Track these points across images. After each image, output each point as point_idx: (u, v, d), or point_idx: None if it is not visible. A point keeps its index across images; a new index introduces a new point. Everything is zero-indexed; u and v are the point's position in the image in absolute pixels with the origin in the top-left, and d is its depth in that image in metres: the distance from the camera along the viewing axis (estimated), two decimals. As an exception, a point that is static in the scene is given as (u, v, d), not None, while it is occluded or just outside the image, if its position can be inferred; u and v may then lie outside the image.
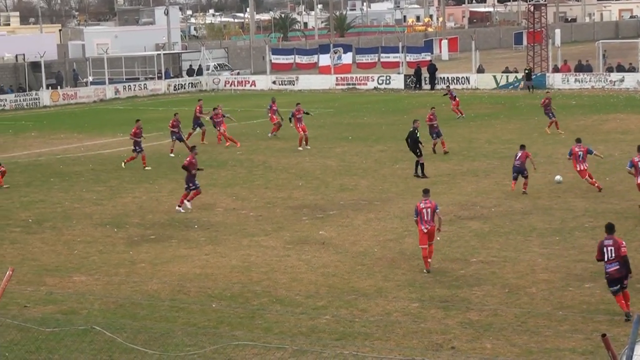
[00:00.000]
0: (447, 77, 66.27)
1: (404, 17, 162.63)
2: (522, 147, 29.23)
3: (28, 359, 15.18)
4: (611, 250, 16.82)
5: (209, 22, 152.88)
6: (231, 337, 16.00)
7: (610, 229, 17.24)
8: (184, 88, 72.76)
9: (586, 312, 17.16)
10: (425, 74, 66.44)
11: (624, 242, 17.03)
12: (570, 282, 19.17)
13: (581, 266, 20.31)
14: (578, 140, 28.89)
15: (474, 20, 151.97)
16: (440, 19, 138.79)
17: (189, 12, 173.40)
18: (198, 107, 42.29)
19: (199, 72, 76.79)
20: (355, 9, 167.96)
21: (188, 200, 27.72)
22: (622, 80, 60.87)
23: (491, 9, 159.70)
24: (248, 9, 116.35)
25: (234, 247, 23.11)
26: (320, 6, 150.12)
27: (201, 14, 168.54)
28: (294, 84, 71.19)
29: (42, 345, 15.62)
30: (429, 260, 20.47)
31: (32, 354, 15.32)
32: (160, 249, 23.18)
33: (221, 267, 21.32)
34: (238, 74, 78.39)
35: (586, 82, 61.82)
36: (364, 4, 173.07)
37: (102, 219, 26.83)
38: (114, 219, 26.71)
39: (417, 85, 66.24)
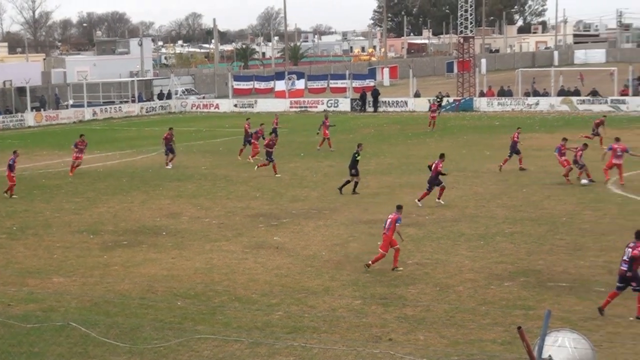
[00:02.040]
0: (389, 101, 66.65)
1: (351, 47, 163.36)
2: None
3: (11, 351, 14.93)
4: (628, 252, 16.43)
5: (178, 52, 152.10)
6: (194, 331, 15.89)
7: (639, 235, 16.67)
8: (155, 110, 72.27)
9: (505, 307, 17.22)
10: (369, 98, 66.69)
11: None
12: (492, 281, 19.26)
13: (501, 267, 20.44)
14: (617, 139, 30.97)
15: (412, 51, 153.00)
16: (383, 50, 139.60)
17: (160, 43, 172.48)
18: (247, 125, 42.14)
19: (169, 96, 76.37)
20: (307, 41, 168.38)
21: (438, 198, 28.19)
22: (537, 104, 61.64)
23: (426, 41, 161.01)
24: (213, 41, 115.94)
25: (198, 251, 22.96)
26: (276, 38, 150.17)
27: (171, 44, 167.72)
28: (253, 107, 71.00)
29: (24, 339, 15.40)
30: (373, 263, 20.40)
31: (14, 347, 15.08)
32: (132, 253, 22.94)
33: (186, 269, 21.16)
34: (203, 97, 78.10)
35: (507, 105, 62.47)
36: (315, 36, 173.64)
37: (79, 226, 26.50)
38: (90, 227, 26.39)
39: (362, 108, 66.45)
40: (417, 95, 68.36)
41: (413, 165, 37.01)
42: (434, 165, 28.23)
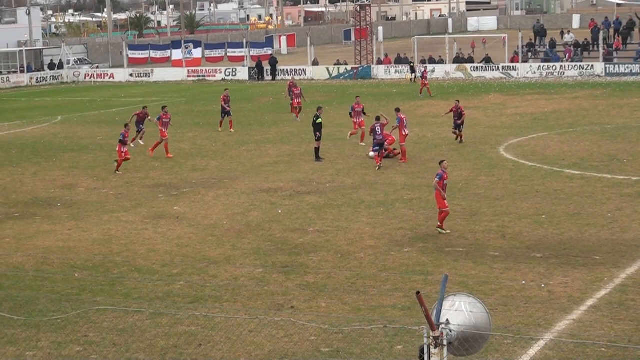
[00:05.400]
0: (287, 69, 66.56)
1: (248, 16, 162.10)
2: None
3: None
4: None
5: (69, 21, 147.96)
6: (93, 303, 15.61)
7: None
8: (46, 81, 70.49)
9: (405, 273, 17.47)
10: (267, 66, 66.51)
11: None
12: (392, 247, 19.50)
13: (401, 233, 20.72)
14: None
15: (309, 19, 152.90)
16: (280, 18, 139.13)
17: (50, 12, 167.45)
18: (223, 97, 39.16)
19: (60, 66, 74.51)
20: (203, 9, 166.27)
21: None
22: (433, 71, 62.36)
23: (324, 9, 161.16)
24: (106, 9, 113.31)
25: (95, 223, 22.54)
26: (171, 7, 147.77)
27: (61, 14, 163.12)
28: (149, 76, 69.98)
29: None
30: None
31: None
32: (24, 225, 22.35)
33: (83, 240, 20.76)
34: (97, 67, 76.44)
35: (404, 72, 63.02)
36: (212, 4, 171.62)
37: (-31, 200, 25.64)
38: (-20, 200, 25.56)
39: (260, 77, 66.21)
40: (315, 63, 68.47)
41: (312, 134, 37.02)
42: None
